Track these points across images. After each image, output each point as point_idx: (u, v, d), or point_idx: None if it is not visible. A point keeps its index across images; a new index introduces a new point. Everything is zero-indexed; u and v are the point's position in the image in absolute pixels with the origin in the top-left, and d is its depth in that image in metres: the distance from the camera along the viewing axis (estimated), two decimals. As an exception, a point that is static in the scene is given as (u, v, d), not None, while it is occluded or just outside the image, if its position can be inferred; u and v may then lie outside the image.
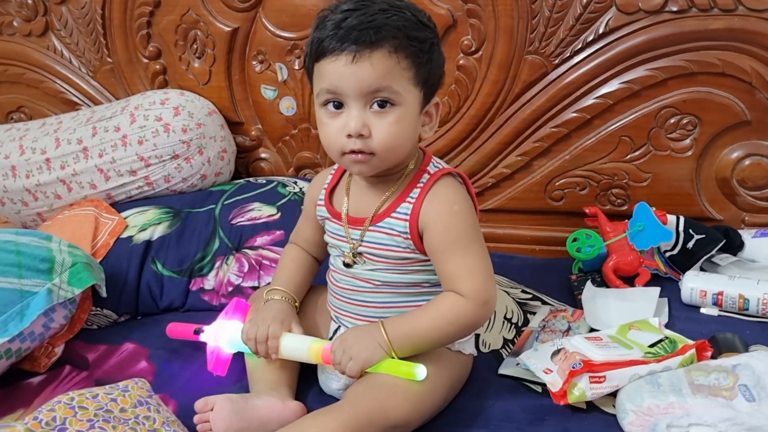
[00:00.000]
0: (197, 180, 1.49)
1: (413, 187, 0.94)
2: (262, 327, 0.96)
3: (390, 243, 0.94)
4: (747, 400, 0.87)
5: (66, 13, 1.65)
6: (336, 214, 1.00)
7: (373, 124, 0.87)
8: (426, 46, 0.88)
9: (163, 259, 1.32)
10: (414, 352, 0.91)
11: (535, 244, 1.51)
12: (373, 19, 0.84)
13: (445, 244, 0.91)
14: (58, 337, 1.15)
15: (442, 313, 0.90)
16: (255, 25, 1.54)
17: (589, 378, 0.92)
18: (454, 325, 0.90)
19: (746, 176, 1.37)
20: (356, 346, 0.90)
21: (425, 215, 0.91)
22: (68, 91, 1.72)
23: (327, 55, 0.86)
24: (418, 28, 0.88)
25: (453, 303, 0.90)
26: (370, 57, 0.84)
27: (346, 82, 0.85)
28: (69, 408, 0.85)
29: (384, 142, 0.87)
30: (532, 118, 1.44)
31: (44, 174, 1.49)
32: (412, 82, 0.88)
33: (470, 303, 0.89)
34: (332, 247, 1.02)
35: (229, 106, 1.61)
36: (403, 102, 0.87)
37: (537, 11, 1.36)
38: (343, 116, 0.88)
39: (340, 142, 0.88)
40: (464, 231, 0.91)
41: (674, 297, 1.23)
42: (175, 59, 1.61)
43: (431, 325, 0.90)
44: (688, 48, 1.32)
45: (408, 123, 0.89)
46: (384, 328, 0.90)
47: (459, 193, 0.94)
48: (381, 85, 0.85)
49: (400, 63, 0.86)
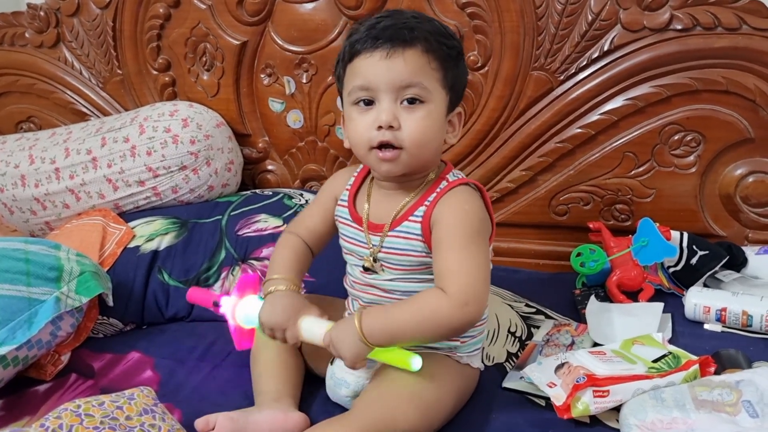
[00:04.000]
0: (204, 191, 1.50)
1: (431, 192, 0.95)
2: (281, 320, 0.94)
3: (407, 248, 0.95)
4: (750, 416, 0.87)
5: (77, 25, 1.67)
6: (357, 218, 1.00)
7: (404, 117, 0.90)
8: (454, 53, 0.93)
9: (170, 269, 1.33)
10: (393, 345, 0.89)
11: (540, 259, 1.51)
12: (406, 22, 0.90)
13: (446, 239, 0.91)
14: (65, 345, 1.16)
15: (421, 306, 0.88)
16: (264, 38, 1.56)
17: (593, 392, 0.92)
18: (430, 322, 0.87)
19: (750, 193, 1.37)
20: (339, 343, 0.89)
21: (437, 213, 0.93)
22: (78, 101, 1.74)
23: (362, 53, 0.90)
24: (447, 36, 0.93)
25: (434, 298, 0.88)
26: (403, 53, 0.88)
27: (380, 76, 0.89)
28: (75, 415, 0.85)
29: (413, 136, 0.90)
30: (537, 134, 1.45)
31: (53, 183, 1.51)
32: (441, 83, 0.92)
33: (450, 301, 0.86)
34: (349, 254, 1.02)
35: (237, 119, 1.62)
36: (432, 100, 0.91)
37: (543, 28, 1.38)
38: (373, 111, 0.91)
39: (370, 135, 0.91)
40: (469, 231, 0.91)
41: (678, 312, 1.23)
42: (184, 71, 1.63)
43: (410, 318, 0.88)
44: (693, 66, 1.33)
45: (435, 121, 0.92)
46: (359, 322, 0.87)
47: (473, 198, 0.95)
48: (412, 81, 0.89)
49: (430, 63, 0.90)
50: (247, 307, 1.00)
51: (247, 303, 1.01)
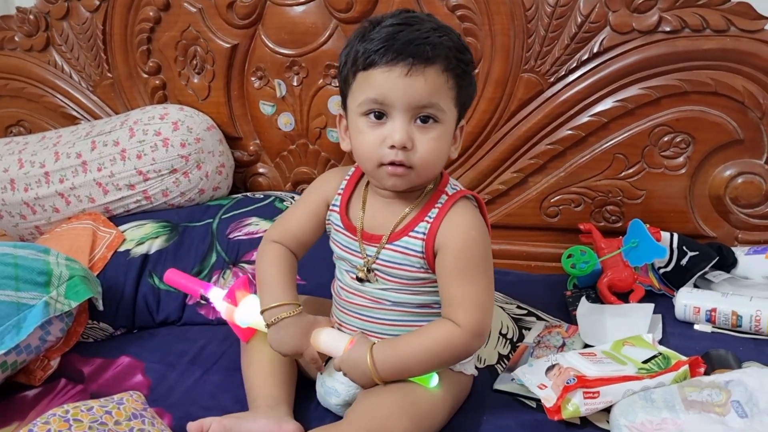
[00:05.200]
0: (195, 194, 1.50)
1: (431, 207, 0.94)
2: (293, 347, 0.95)
3: (404, 263, 0.94)
4: (740, 416, 0.87)
5: (67, 28, 1.66)
6: (350, 227, 0.98)
7: (417, 138, 0.87)
8: (469, 69, 0.91)
9: (160, 273, 1.32)
10: (401, 378, 0.91)
11: (530, 260, 1.51)
12: (428, 36, 0.85)
13: (455, 269, 0.91)
14: (54, 350, 1.15)
15: (436, 340, 0.90)
16: (254, 41, 1.56)
17: (583, 393, 0.92)
18: (445, 353, 0.91)
19: (739, 194, 1.38)
20: (351, 373, 0.92)
21: (442, 236, 0.91)
22: (68, 105, 1.73)
23: (379, 65, 0.85)
24: (464, 51, 0.90)
25: (448, 332, 0.90)
26: (423, 72, 0.85)
27: (398, 94, 0.85)
28: (64, 421, 0.85)
29: (425, 157, 0.88)
30: (527, 136, 1.45)
31: (43, 187, 1.50)
32: (454, 102, 0.90)
33: (464, 334, 0.89)
34: (340, 260, 1.00)
35: (228, 122, 1.62)
36: (445, 120, 0.89)
37: (533, 30, 1.38)
38: (386, 127, 0.87)
39: (380, 153, 0.88)
40: (477, 259, 0.91)
41: (668, 313, 1.23)
42: (174, 75, 1.63)
43: (423, 352, 0.90)
44: (682, 67, 1.34)
45: (446, 140, 0.91)
46: (371, 358, 0.90)
47: (476, 218, 0.94)
48: (430, 101, 0.86)
49: (447, 82, 0.87)
50: (246, 311, 1.00)
51: (245, 307, 1.00)
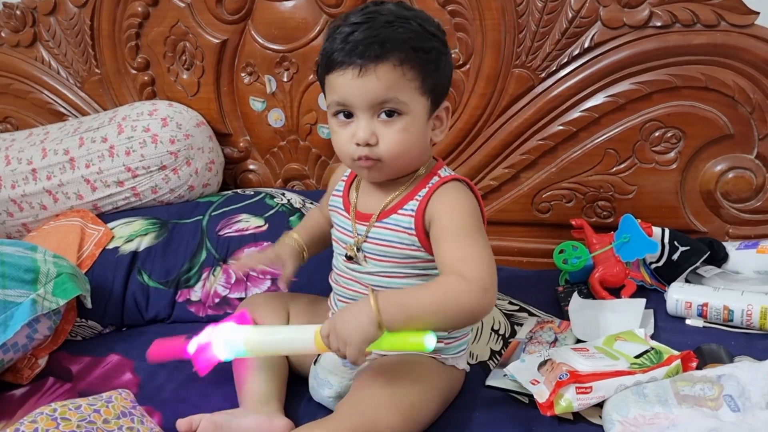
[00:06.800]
0: (185, 191, 1.49)
1: (422, 187, 0.95)
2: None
3: (394, 240, 0.94)
4: (732, 410, 0.87)
5: (54, 23, 1.65)
6: (347, 207, 1.01)
7: (381, 132, 0.89)
8: (432, 56, 0.90)
9: (150, 270, 1.31)
10: (407, 328, 0.84)
11: (522, 256, 1.51)
12: (378, 33, 0.87)
13: (453, 230, 0.90)
14: (42, 348, 1.14)
15: (443, 289, 0.86)
16: (244, 37, 1.55)
17: (576, 389, 0.92)
18: (455, 306, 0.85)
19: (730, 189, 1.38)
20: (346, 329, 0.83)
21: (432, 208, 0.92)
22: (56, 101, 1.72)
23: (336, 69, 0.89)
24: (425, 39, 0.89)
25: (457, 283, 0.85)
26: (375, 71, 0.86)
27: (354, 95, 0.88)
28: (51, 419, 0.84)
29: (390, 149, 0.90)
30: (519, 131, 1.45)
31: (30, 184, 1.48)
32: (419, 92, 0.90)
33: (473, 287, 0.85)
34: (336, 242, 1.02)
35: (218, 118, 1.61)
36: (410, 111, 0.90)
37: (524, 26, 1.38)
38: (353, 125, 0.90)
39: (351, 149, 0.91)
40: (470, 223, 0.91)
41: (660, 308, 1.23)
42: (163, 70, 1.61)
43: (432, 300, 0.85)
44: (672, 62, 1.34)
45: (415, 130, 0.91)
46: (374, 299, 0.83)
47: (467, 195, 0.95)
48: (387, 97, 0.88)
49: (405, 74, 0.88)
50: (227, 333, 0.92)
51: (227, 329, 0.92)
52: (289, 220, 1.36)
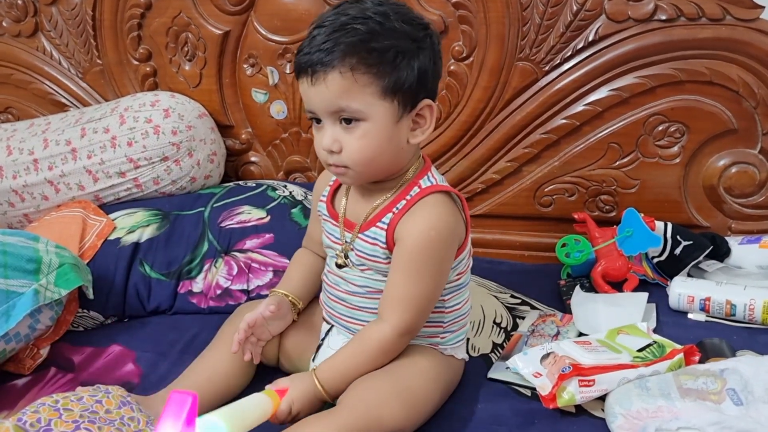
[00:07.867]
0: (186, 182, 1.48)
1: (404, 196, 0.93)
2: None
3: (373, 253, 0.94)
4: (735, 404, 0.87)
5: (56, 14, 1.64)
6: (334, 215, 1.00)
7: (344, 139, 0.88)
8: (389, 56, 0.85)
9: (151, 262, 1.31)
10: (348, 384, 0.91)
11: (525, 250, 1.51)
12: (327, 40, 0.84)
13: (402, 263, 0.91)
14: (44, 338, 1.14)
15: (370, 346, 0.92)
16: (246, 28, 1.54)
17: (579, 382, 0.92)
18: (380, 356, 0.92)
19: (733, 184, 1.38)
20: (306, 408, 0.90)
21: (401, 229, 0.91)
22: (57, 92, 1.71)
23: (298, 77, 0.89)
24: (381, 38, 0.84)
25: (378, 334, 0.92)
26: (325, 80, 0.85)
27: (313, 102, 0.88)
28: (54, 410, 0.84)
29: (353, 157, 0.88)
30: (522, 125, 1.44)
31: (32, 175, 1.48)
32: (377, 96, 0.86)
33: (392, 333, 0.91)
34: (328, 248, 1.02)
35: (220, 109, 1.60)
36: (369, 116, 0.86)
37: (528, 18, 1.37)
38: (322, 131, 0.90)
39: (323, 156, 0.91)
40: (427, 259, 0.90)
41: (662, 302, 1.24)
42: (165, 61, 1.61)
43: (366, 360, 0.92)
44: (677, 56, 1.33)
45: (378, 135, 0.88)
46: (321, 386, 0.91)
47: (442, 216, 0.91)
48: (339, 105, 0.86)
49: (357, 81, 0.85)
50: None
51: None
52: (291, 212, 1.36)
